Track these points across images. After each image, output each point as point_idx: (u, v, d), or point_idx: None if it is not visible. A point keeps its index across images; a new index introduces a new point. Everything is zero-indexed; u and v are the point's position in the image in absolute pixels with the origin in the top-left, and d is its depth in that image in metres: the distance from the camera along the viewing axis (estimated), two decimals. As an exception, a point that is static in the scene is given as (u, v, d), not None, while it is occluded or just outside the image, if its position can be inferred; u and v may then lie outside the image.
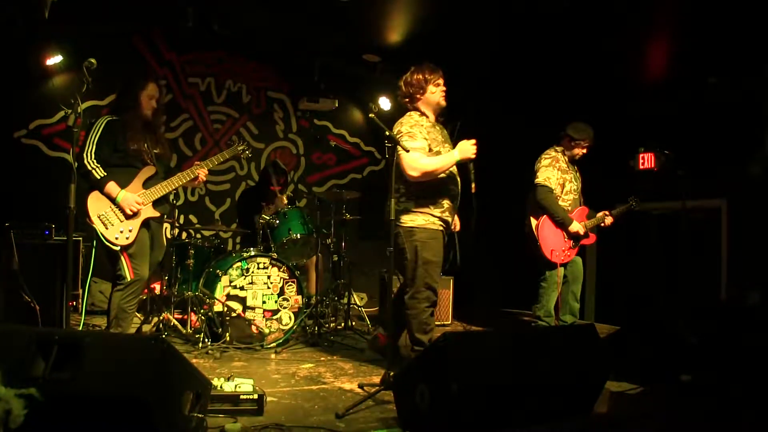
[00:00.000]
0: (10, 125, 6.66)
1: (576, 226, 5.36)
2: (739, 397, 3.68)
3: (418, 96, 4.37)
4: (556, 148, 5.57)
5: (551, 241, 5.36)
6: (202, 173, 4.65)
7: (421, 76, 4.38)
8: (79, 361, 2.42)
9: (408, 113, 4.37)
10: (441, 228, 4.23)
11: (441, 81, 4.40)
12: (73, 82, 6.72)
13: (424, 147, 4.18)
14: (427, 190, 4.21)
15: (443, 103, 4.40)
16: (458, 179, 4.37)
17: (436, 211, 4.21)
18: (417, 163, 4.09)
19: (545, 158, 5.50)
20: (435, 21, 6.66)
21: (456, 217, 4.42)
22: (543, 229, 5.36)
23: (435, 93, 4.37)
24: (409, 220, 4.19)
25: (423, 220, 4.19)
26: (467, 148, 4.15)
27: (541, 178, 5.40)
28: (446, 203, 4.25)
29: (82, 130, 3.81)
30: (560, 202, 5.42)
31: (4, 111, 6.52)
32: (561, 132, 5.59)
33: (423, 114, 4.36)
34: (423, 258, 4.14)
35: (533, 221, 5.43)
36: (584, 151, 5.53)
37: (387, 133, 3.90)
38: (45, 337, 2.51)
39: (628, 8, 5.62)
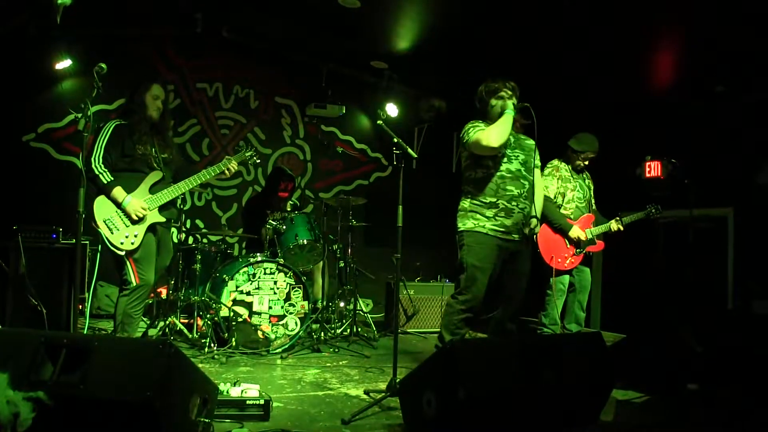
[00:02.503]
0: (18, 129, 6.69)
1: (576, 232, 5.38)
2: (746, 406, 3.67)
3: (484, 110, 4.28)
4: (560, 157, 5.62)
5: (551, 248, 5.40)
6: (232, 166, 4.68)
7: (484, 88, 4.28)
8: (87, 364, 2.43)
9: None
10: (492, 233, 4.12)
11: (504, 93, 4.20)
12: (81, 86, 6.75)
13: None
14: (481, 189, 4.18)
15: None
16: (522, 181, 4.20)
17: (489, 213, 4.13)
18: (485, 134, 4.03)
19: (547, 168, 5.60)
20: (443, 28, 6.68)
21: (533, 220, 4.21)
22: (542, 236, 5.42)
23: (495, 106, 4.22)
24: (461, 223, 4.22)
25: (472, 223, 4.15)
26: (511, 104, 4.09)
27: None
28: (501, 203, 4.13)
29: (91, 134, 3.83)
30: (562, 211, 5.46)
31: (13, 114, 6.56)
32: (565, 142, 5.61)
33: None
34: (467, 262, 4.12)
35: None
36: (585, 163, 5.57)
37: (395, 140, 3.91)
38: (53, 341, 2.52)
39: (638, 16, 5.62)
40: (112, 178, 4.19)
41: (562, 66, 6.80)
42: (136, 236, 4.23)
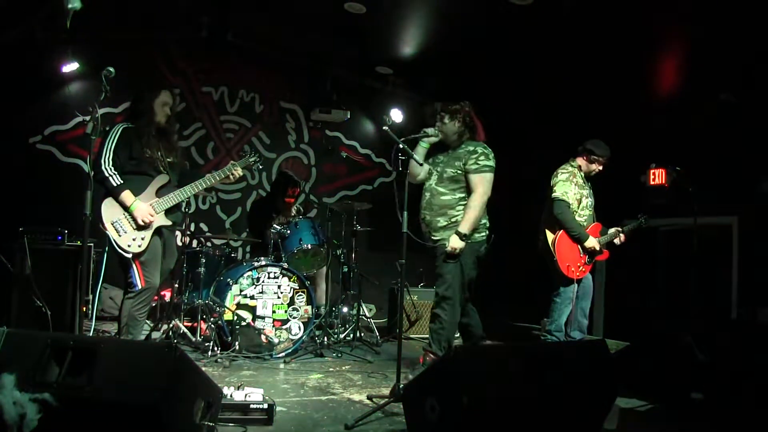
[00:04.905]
0: (25, 131, 6.71)
1: (592, 242, 5.33)
2: (749, 415, 3.66)
3: None
4: (572, 163, 5.55)
5: (567, 256, 5.33)
6: (237, 171, 4.69)
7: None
8: (92, 367, 2.44)
9: None
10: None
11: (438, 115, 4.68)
12: (88, 89, 6.78)
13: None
14: None
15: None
16: (425, 192, 4.70)
17: None
18: None
19: (562, 172, 5.47)
20: (448, 34, 6.70)
21: (453, 236, 4.44)
22: (560, 244, 5.32)
23: None
24: None
25: None
26: None
27: (558, 192, 5.36)
28: None
29: (99, 137, 3.84)
30: (576, 218, 5.39)
31: (19, 117, 6.58)
32: (579, 147, 5.56)
33: None
34: None
35: (550, 236, 5.37)
36: (601, 168, 5.52)
37: (401, 146, 3.93)
38: (60, 343, 2.53)
39: (642, 23, 5.64)
40: (122, 181, 4.20)
41: (566, 72, 6.80)
42: (143, 239, 4.24)
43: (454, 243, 4.38)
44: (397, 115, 8.23)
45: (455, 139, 4.60)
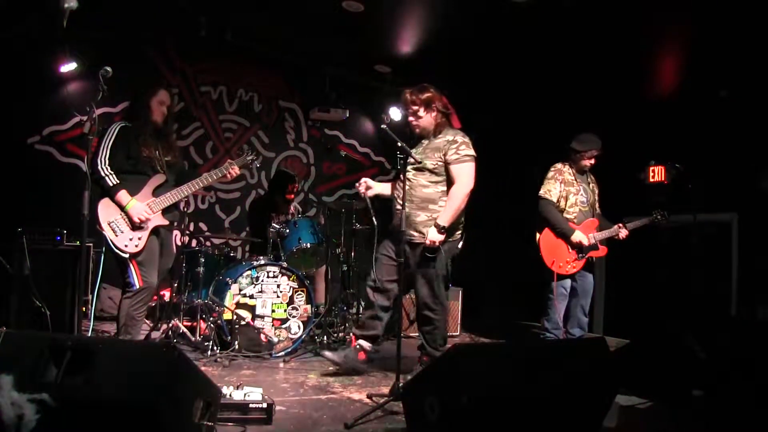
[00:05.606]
0: (23, 131, 6.69)
1: (578, 236, 5.36)
2: (749, 413, 3.65)
3: None
4: (565, 161, 5.59)
5: (552, 252, 5.40)
6: (234, 171, 4.68)
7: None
8: (91, 367, 2.43)
9: None
10: None
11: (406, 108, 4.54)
12: (86, 89, 6.76)
13: None
14: None
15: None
16: (400, 184, 4.20)
17: None
18: None
19: (550, 171, 5.59)
20: (446, 32, 6.69)
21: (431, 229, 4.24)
22: (543, 240, 5.43)
23: None
24: None
25: None
26: None
27: (542, 190, 5.51)
28: None
29: (96, 136, 3.84)
30: (565, 215, 5.44)
31: (18, 117, 6.56)
32: (567, 145, 5.60)
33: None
34: None
35: (537, 233, 5.47)
36: (591, 161, 5.54)
37: (399, 144, 3.92)
38: (58, 343, 2.52)
39: (641, 20, 5.63)
40: (118, 181, 4.20)
41: (565, 69, 6.80)
42: (140, 239, 4.23)
43: (433, 236, 4.19)
44: (395, 114, 8.21)
45: (433, 129, 4.45)
